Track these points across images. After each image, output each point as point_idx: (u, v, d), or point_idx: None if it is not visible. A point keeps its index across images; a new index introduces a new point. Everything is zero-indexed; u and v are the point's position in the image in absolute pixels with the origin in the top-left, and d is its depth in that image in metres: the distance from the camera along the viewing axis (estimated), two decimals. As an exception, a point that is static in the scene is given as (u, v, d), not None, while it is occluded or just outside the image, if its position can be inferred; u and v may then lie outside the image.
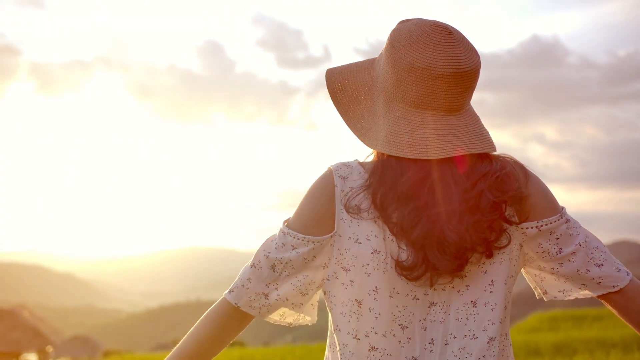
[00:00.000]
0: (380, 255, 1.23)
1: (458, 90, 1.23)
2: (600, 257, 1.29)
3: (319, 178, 1.30)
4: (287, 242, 1.27)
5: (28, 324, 30.39)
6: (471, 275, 1.25)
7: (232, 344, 47.97)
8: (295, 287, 1.29)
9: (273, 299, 1.29)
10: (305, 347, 14.50)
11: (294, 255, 1.26)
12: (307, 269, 1.28)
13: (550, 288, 1.36)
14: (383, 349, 1.24)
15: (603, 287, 1.29)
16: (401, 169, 1.23)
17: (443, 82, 1.22)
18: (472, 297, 1.25)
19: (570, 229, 1.29)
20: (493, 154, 1.29)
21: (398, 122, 1.25)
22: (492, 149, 1.27)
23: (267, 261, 1.28)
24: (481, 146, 1.25)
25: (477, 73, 1.25)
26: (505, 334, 1.29)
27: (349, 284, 1.25)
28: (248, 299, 1.29)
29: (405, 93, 1.24)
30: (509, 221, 1.25)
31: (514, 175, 1.27)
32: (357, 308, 1.25)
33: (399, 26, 1.29)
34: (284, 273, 1.28)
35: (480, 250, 1.22)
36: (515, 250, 1.28)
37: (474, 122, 1.28)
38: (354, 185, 1.26)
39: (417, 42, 1.23)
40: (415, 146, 1.23)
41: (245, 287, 1.29)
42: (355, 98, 1.32)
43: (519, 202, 1.27)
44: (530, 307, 29.43)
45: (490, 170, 1.24)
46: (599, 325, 12.82)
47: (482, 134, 1.27)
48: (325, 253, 1.27)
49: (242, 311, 1.30)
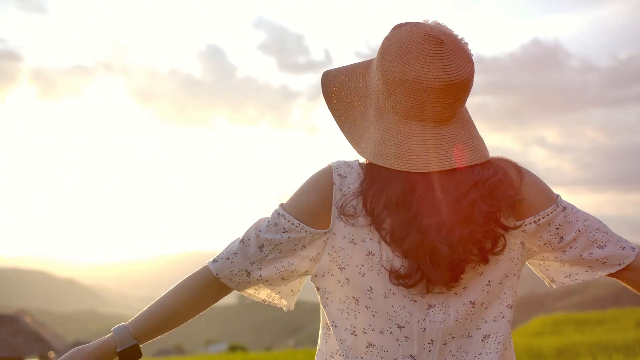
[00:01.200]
0: (375, 257, 1.24)
1: (448, 101, 1.22)
2: (603, 238, 1.29)
3: (319, 173, 1.30)
4: (279, 224, 1.27)
5: (30, 330, 30.37)
6: (468, 278, 1.25)
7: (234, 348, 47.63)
8: (277, 271, 1.30)
9: (254, 277, 1.30)
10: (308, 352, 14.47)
11: (284, 239, 1.27)
12: (293, 256, 1.28)
13: (557, 275, 1.36)
14: (380, 345, 1.25)
15: (609, 266, 1.30)
16: (390, 178, 1.23)
17: (432, 94, 1.21)
18: (470, 298, 1.26)
19: (568, 216, 1.29)
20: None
21: (387, 132, 1.24)
22: (482, 159, 1.26)
23: (256, 240, 1.28)
24: (470, 158, 1.24)
25: (468, 83, 1.24)
26: (501, 332, 1.28)
27: (345, 282, 1.26)
28: (230, 272, 1.30)
29: (395, 104, 1.23)
30: (505, 228, 1.25)
31: (508, 180, 1.26)
32: (355, 305, 1.26)
33: (391, 33, 1.28)
34: (270, 255, 1.28)
35: (476, 259, 1.23)
36: (515, 249, 1.29)
37: (465, 131, 1.27)
38: (351, 186, 1.26)
39: (406, 53, 1.22)
40: (402, 158, 1.23)
41: (230, 260, 1.29)
42: (349, 103, 1.32)
43: (514, 206, 1.26)
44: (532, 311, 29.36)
45: (482, 178, 1.23)
46: (601, 328, 12.80)
47: (472, 144, 1.26)
48: (316, 247, 1.27)
49: (222, 282, 1.31)
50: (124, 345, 1.31)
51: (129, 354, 1.31)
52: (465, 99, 1.26)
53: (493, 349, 1.26)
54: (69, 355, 1.30)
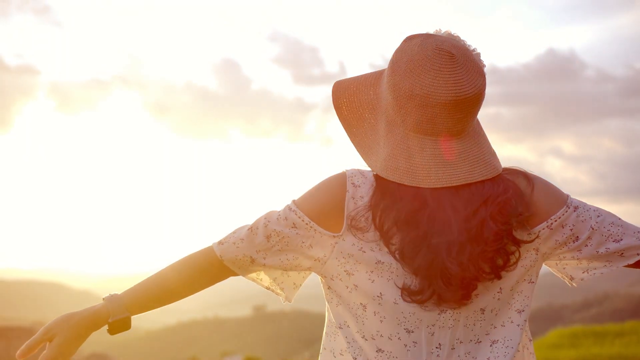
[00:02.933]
0: (385, 265, 1.23)
1: (459, 115, 1.22)
2: (618, 232, 1.29)
3: (332, 178, 1.29)
4: (289, 218, 1.26)
5: (47, 342, 30.38)
6: (480, 286, 1.24)
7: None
8: (281, 263, 1.29)
9: (257, 264, 1.30)
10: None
11: (293, 234, 1.26)
12: (299, 252, 1.27)
13: (575, 272, 1.35)
14: (389, 351, 1.25)
15: (626, 257, 1.29)
16: (399, 193, 1.22)
17: (442, 109, 1.20)
18: (481, 305, 1.26)
19: (581, 215, 1.28)
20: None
21: (398, 146, 1.24)
22: (493, 173, 1.25)
23: (264, 230, 1.27)
24: (480, 173, 1.23)
25: (479, 97, 1.23)
26: (510, 336, 1.28)
27: (353, 288, 1.25)
28: (235, 256, 1.29)
29: (405, 118, 1.23)
30: (519, 242, 1.24)
31: (519, 196, 1.25)
32: (362, 312, 1.25)
33: (402, 46, 1.27)
34: (277, 247, 1.27)
35: (488, 277, 1.22)
36: (528, 256, 1.28)
37: (476, 144, 1.26)
38: (364, 196, 1.25)
39: (417, 67, 1.21)
40: (412, 173, 1.22)
41: (236, 245, 1.29)
42: (360, 115, 1.31)
43: (526, 220, 1.26)
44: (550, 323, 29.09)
45: (492, 195, 1.22)
46: (620, 341, 12.64)
47: (484, 159, 1.25)
48: (322, 248, 1.26)
49: (224, 265, 1.30)
50: (116, 316, 1.29)
51: (119, 325, 1.29)
52: (476, 113, 1.25)
53: (502, 354, 1.26)
54: (59, 321, 1.28)
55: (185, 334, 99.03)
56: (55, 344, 1.26)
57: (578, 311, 78.06)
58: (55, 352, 1.26)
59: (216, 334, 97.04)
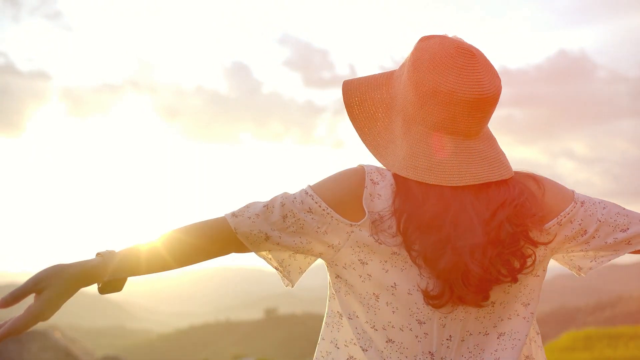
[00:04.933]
0: (400, 256, 1.22)
1: (479, 115, 1.22)
2: (624, 222, 1.31)
3: (350, 172, 1.26)
4: (305, 202, 1.23)
5: (60, 345, 30.56)
6: None
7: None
8: (294, 244, 1.25)
9: (272, 241, 1.25)
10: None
11: (308, 219, 1.23)
12: (313, 237, 1.25)
13: (583, 262, 1.37)
14: (400, 342, 1.24)
15: (634, 245, 1.32)
16: (421, 194, 1.21)
17: (465, 108, 1.20)
18: (492, 299, 1.26)
19: (588, 209, 1.30)
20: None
21: (417, 145, 1.23)
22: (509, 174, 1.26)
23: (281, 209, 1.24)
24: (499, 173, 1.24)
25: (498, 98, 1.24)
26: (517, 329, 1.29)
27: (367, 278, 1.23)
28: (249, 231, 1.24)
29: (426, 116, 1.22)
30: (536, 244, 1.25)
31: (533, 199, 1.26)
32: (375, 301, 1.24)
33: (421, 45, 1.26)
34: (292, 228, 1.24)
35: (506, 280, 1.22)
36: (538, 251, 1.28)
37: (490, 146, 1.27)
38: (382, 194, 1.23)
39: (440, 65, 1.21)
40: (434, 171, 1.21)
41: (251, 220, 1.24)
42: (372, 115, 1.30)
43: (540, 221, 1.27)
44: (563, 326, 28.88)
45: (508, 198, 1.23)
46: (634, 343, 12.53)
47: (499, 159, 1.26)
48: (337, 235, 1.24)
49: (236, 238, 1.25)
50: (113, 276, 1.20)
51: (113, 286, 1.21)
52: (492, 113, 1.27)
53: (509, 346, 1.28)
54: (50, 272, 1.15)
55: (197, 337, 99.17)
56: (45, 298, 1.13)
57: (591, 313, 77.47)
58: (44, 306, 1.13)
59: (228, 337, 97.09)
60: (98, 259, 1.19)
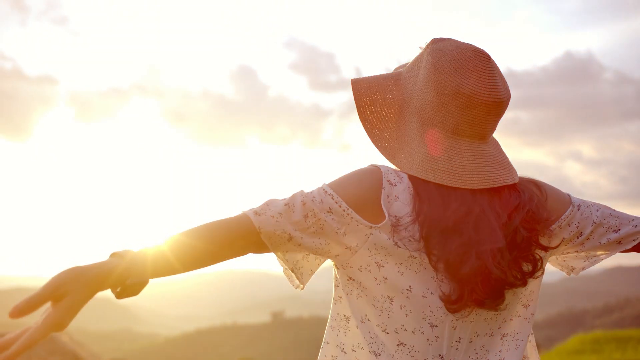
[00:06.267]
0: (416, 259, 1.20)
1: (493, 119, 1.23)
2: (616, 222, 1.35)
3: (367, 172, 1.23)
4: (325, 202, 1.19)
5: (67, 349, 30.67)
6: None
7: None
8: (314, 246, 1.21)
9: (293, 244, 1.20)
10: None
11: (329, 219, 1.19)
12: (332, 238, 1.20)
13: (576, 262, 1.40)
14: (411, 345, 1.23)
15: (624, 244, 1.36)
16: (441, 197, 1.20)
17: (483, 111, 1.20)
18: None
19: (584, 212, 1.33)
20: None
21: (435, 147, 1.22)
22: (517, 179, 1.28)
23: (302, 208, 1.18)
24: (511, 177, 1.25)
25: (509, 102, 1.25)
26: (519, 329, 1.31)
27: (382, 280, 1.21)
28: (273, 231, 1.17)
29: (445, 118, 1.22)
30: (546, 248, 1.27)
31: (543, 204, 1.28)
32: (389, 304, 1.22)
33: (438, 46, 1.26)
34: (312, 229, 1.19)
35: (519, 284, 1.23)
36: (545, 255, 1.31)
37: (499, 149, 1.29)
38: (399, 196, 1.21)
39: (461, 67, 1.21)
40: (454, 174, 1.21)
41: (275, 219, 1.17)
42: (384, 116, 1.29)
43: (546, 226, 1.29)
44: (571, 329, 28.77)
45: (520, 203, 1.24)
46: (643, 347, 12.45)
47: (509, 163, 1.28)
48: (356, 237, 1.20)
49: (258, 237, 1.18)
50: (135, 279, 1.08)
51: (134, 289, 1.09)
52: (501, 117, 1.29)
53: (512, 346, 1.29)
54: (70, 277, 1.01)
55: (203, 341, 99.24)
56: (65, 305, 1.00)
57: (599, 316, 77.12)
58: (64, 314, 0.99)
59: (234, 341, 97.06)
60: (116, 261, 1.07)
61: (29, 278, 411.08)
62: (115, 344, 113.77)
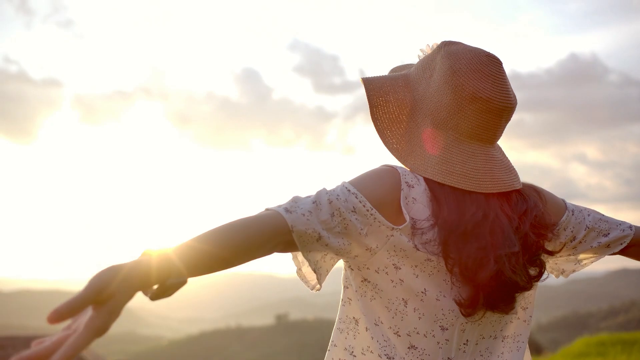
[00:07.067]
0: (432, 262, 1.19)
1: (504, 123, 1.25)
2: (605, 227, 1.37)
3: (386, 171, 1.21)
4: (349, 201, 1.14)
5: (72, 351, 30.63)
6: None
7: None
8: (338, 246, 1.15)
9: (321, 244, 1.13)
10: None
11: (353, 219, 1.14)
12: (354, 238, 1.16)
13: (566, 265, 1.42)
14: (422, 348, 1.22)
15: (612, 248, 1.38)
16: (457, 201, 1.20)
17: (496, 115, 1.21)
18: None
19: (577, 217, 1.35)
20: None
21: (449, 150, 1.22)
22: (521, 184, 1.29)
23: (329, 206, 1.12)
24: (518, 181, 1.27)
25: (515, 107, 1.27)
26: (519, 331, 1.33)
27: (399, 283, 1.20)
28: (304, 230, 1.09)
29: (460, 121, 1.21)
30: (552, 253, 1.29)
31: (546, 210, 1.30)
32: (403, 307, 1.21)
33: (451, 49, 1.26)
34: (337, 228, 1.13)
35: (527, 288, 1.23)
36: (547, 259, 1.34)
37: (504, 155, 1.30)
38: (417, 199, 1.20)
39: (478, 71, 1.21)
40: (469, 177, 1.21)
41: (305, 217, 1.10)
42: (396, 117, 1.28)
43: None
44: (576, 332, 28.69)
45: (527, 208, 1.25)
46: (649, 350, 12.40)
47: (514, 168, 1.29)
48: (376, 238, 1.17)
49: (288, 236, 1.09)
50: (175, 280, 0.96)
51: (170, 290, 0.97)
52: None
53: (514, 348, 1.31)
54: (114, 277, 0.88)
55: (208, 343, 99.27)
56: (110, 309, 0.88)
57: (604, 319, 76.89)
58: (109, 319, 0.88)
59: (239, 343, 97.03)
60: (155, 259, 0.95)
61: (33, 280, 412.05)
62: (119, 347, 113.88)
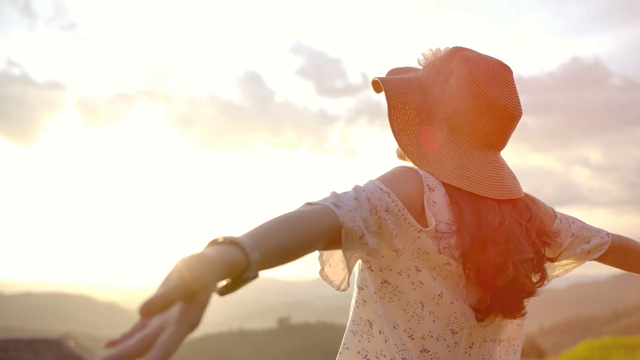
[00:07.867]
0: (449, 266, 1.19)
1: (512, 131, 1.27)
2: (588, 234, 1.41)
3: (409, 172, 1.19)
4: (383, 200, 1.09)
5: (74, 354, 30.62)
6: None
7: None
8: (372, 245, 1.09)
9: (362, 242, 1.06)
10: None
11: (386, 218, 1.09)
12: (384, 238, 1.11)
13: (549, 271, 1.42)
14: (434, 352, 1.23)
15: (592, 254, 1.42)
16: (474, 207, 1.20)
17: (509, 123, 1.24)
18: None
19: (564, 225, 1.38)
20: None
21: (465, 156, 1.23)
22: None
23: (368, 204, 1.07)
24: (521, 189, 1.30)
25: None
26: (514, 335, 1.35)
27: (418, 285, 1.20)
28: (352, 226, 1.02)
29: (476, 128, 1.23)
30: (553, 260, 1.33)
31: (545, 217, 1.34)
32: (420, 310, 1.21)
33: (466, 55, 1.27)
34: (373, 227, 1.08)
35: (534, 293, 1.26)
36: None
37: (506, 162, 1.31)
38: (437, 202, 1.19)
39: (495, 79, 1.23)
40: (485, 183, 1.22)
41: (352, 213, 1.03)
42: (411, 119, 1.28)
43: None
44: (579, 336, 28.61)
45: (532, 216, 1.28)
46: (652, 354, 12.38)
47: (515, 175, 1.31)
48: (403, 239, 1.14)
49: (337, 233, 1.01)
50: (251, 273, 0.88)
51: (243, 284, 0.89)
52: None
53: (511, 351, 1.34)
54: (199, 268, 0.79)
55: (210, 346, 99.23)
56: (201, 304, 0.80)
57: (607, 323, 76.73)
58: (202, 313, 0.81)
59: (241, 346, 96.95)
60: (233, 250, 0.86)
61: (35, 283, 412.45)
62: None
